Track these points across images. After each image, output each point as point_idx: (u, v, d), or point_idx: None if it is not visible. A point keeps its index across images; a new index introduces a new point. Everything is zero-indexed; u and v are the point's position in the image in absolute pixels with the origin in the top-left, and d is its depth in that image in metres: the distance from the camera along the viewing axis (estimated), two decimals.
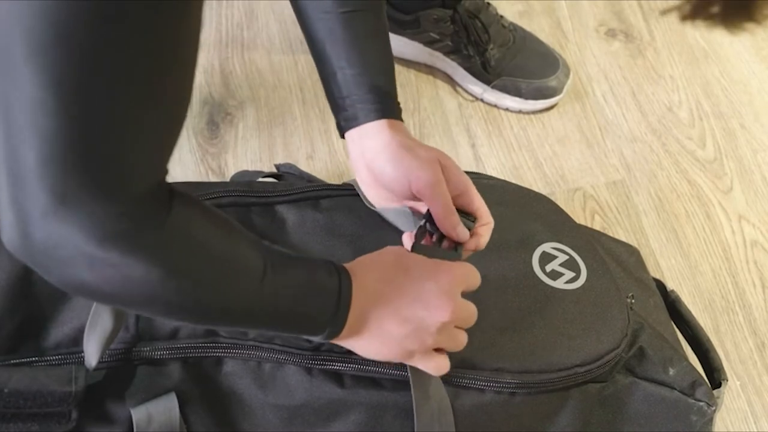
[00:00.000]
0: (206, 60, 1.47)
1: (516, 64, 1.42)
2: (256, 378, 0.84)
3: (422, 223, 0.87)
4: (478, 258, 0.95)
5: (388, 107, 0.91)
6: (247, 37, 1.50)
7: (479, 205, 0.90)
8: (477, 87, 1.43)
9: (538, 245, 0.98)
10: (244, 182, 1.02)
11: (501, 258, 0.96)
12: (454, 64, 1.44)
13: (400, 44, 1.45)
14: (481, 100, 1.44)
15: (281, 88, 1.45)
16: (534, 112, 1.44)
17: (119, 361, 0.82)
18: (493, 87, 1.42)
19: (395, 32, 1.44)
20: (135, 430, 0.80)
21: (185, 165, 1.38)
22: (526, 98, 1.42)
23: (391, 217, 0.93)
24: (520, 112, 1.43)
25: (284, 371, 0.85)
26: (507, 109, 1.44)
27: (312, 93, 1.45)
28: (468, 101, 1.45)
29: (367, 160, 0.90)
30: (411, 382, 0.83)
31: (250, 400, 0.85)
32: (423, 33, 1.42)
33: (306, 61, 1.48)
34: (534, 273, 0.95)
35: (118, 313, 0.80)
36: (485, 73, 1.41)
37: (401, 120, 0.92)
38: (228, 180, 1.26)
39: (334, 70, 0.90)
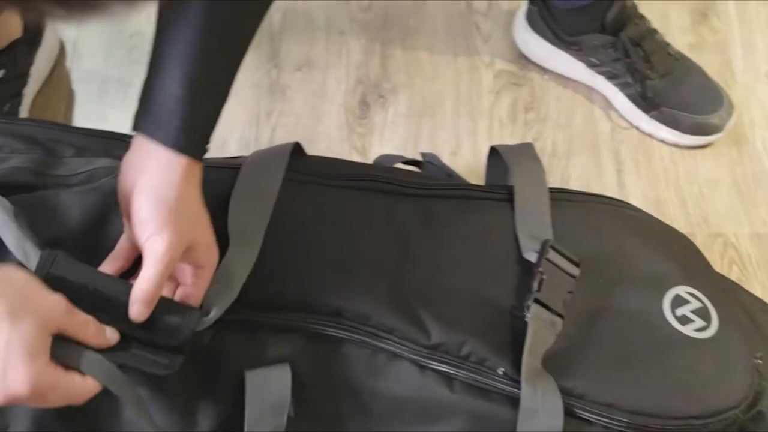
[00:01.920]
0: (368, 41, 1.48)
1: (677, 96, 1.38)
2: (369, 366, 0.85)
3: None
4: (607, 288, 0.94)
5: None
6: (412, 24, 1.51)
7: None
8: (634, 114, 1.40)
9: (672, 287, 0.95)
10: (388, 168, 1.03)
11: (631, 291, 0.94)
12: (614, 89, 1.41)
13: (563, 61, 1.43)
14: (637, 128, 1.41)
15: (437, 80, 1.45)
16: (689, 148, 1.40)
17: (240, 323, 0.84)
18: (651, 116, 1.38)
19: (560, 48, 1.42)
20: (247, 390, 0.81)
21: (330, 139, 1.39)
22: (684, 132, 1.38)
23: None
24: (675, 145, 1.39)
25: (397, 365, 0.85)
26: (662, 141, 1.40)
27: (467, 91, 1.44)
28: (622, 128, 1.42)
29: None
30: (521, 401, 0.82)
31: (360, 386, 0.85)
32: (585, 56, 1.41)
33: (465, 59, 1.47)
34: (663, 314, 0.93)
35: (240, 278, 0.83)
36: (644, 102, 1.38)
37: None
38: (371, 162, 1.28)
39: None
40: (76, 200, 0.85)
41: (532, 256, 0.92)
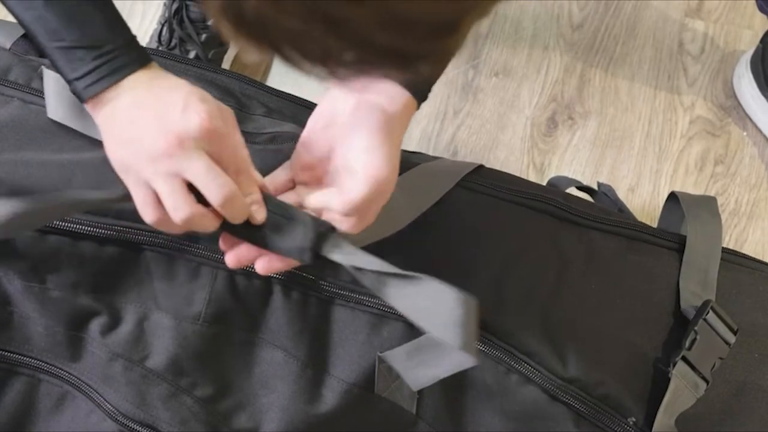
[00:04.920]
0: (570, 60, 1.46)
1: None
2: (500, 384, 0.84)
3: None
4: (761, 364, 0.90)
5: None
6: (619, 51, 1.48)
7: None
8: None
9: None
10: (562, 193, 1.01)
11: None
12: None
13: (759, 107, 1.38)
14: None
15: (631, 114, 1.42)
16: None
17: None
18: None
19: (764, 93, 1.37)
20: (377, 376, 0.82)
21: (511, 149, 1.39)
22: None
23: None
24: None
25: (529, 389, 0.84)
26: None
27: (659, 130, 1.41)
28: None
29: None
30: None
31: (486, 402, 0.85)
32: None
33: (665, 98, 1.44)
34: None
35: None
36: None
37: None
38: (545, 181, 1.26)
39: None
40: (256, 158, 0.87)
41: (689, 313, 0.89)
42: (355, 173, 0.71)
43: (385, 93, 0.74)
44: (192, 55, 1.34)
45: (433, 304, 0.67)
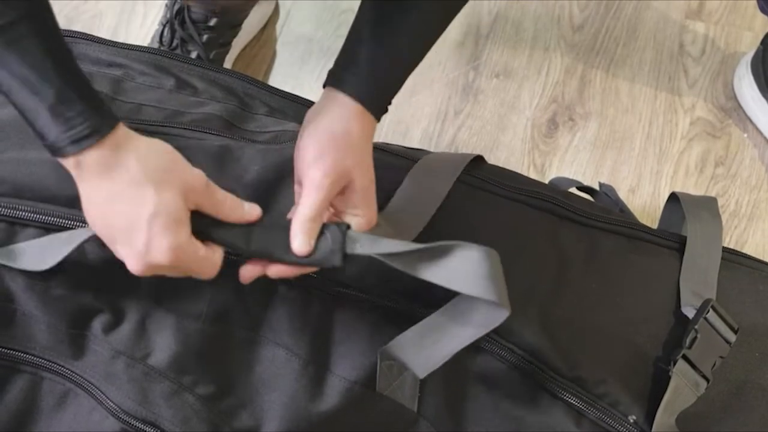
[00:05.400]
0: (571, 61, 1.47)
1: None
2: (504, 380, 0.84)
3: None
4: (762, 363, 0.90)
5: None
6: (619, 53, 1.48)
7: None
8: None
9: None
10: (562, 192, 1.01)
11: None
12: None
13: (760, 108, 1.39)
14: None
15: (631, 115, 1.43)
16: None
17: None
18: None
19: (764, 94, 1.37)
20: (378, 374, 0.83)
21: (512, 150, 1.39)
22: None
23: None
24: None
25: (528, 386, 0.84)
26: None
27: (659, 132, 1.41)
28: None
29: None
30: None
31: (485, 399, 0.85)
32: None
33: (665, 100, 1.44)
34: None
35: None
36: None
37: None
38: (546, 181, 1.27)
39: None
40: (258, 157, 0.87)
41: (690, 312, 0.89)
42: (303, 189, 0.75)
43: (333, 111, 0.78)
44: (194, 55, 1.34)
45: (461, 265, 0.69)
